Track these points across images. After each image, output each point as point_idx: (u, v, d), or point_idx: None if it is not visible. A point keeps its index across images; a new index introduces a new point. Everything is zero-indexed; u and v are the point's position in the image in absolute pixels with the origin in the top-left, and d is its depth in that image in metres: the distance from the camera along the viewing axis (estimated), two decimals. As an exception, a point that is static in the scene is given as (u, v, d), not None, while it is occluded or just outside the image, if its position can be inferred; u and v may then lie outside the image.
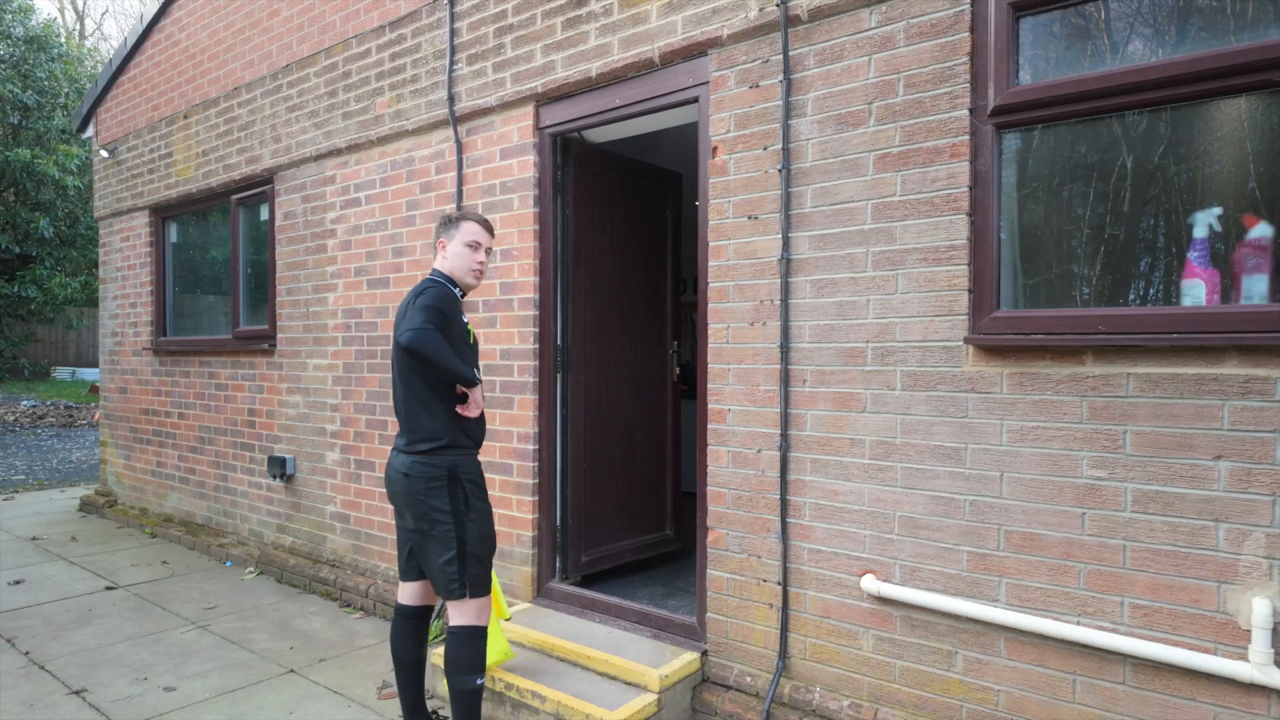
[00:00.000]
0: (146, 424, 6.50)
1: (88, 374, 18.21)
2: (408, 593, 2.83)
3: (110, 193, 6.89)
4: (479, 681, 2.60)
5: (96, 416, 12.92)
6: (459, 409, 2.67)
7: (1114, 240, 2.41)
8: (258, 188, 5.40)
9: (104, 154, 6.86)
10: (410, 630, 2.81)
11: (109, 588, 4.74)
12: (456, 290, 2.75)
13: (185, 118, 5.96)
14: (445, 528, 2.59)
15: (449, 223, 2.81)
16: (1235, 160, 2.24)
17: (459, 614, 2.64)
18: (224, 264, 5.96)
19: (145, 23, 6.31)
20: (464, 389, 2.67)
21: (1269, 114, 2.17)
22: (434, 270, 2.79)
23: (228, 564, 5.27)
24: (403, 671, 2.80)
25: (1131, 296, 2.39)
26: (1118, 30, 2.41)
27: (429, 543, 2.62)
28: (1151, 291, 2.37)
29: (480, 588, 2.65)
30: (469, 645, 2.61)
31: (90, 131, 7.16)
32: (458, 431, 2.66)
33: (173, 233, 6.45)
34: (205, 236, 6.25)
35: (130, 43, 6.48)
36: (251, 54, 5.37)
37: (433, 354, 2.49)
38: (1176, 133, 2.32)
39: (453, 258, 2.77)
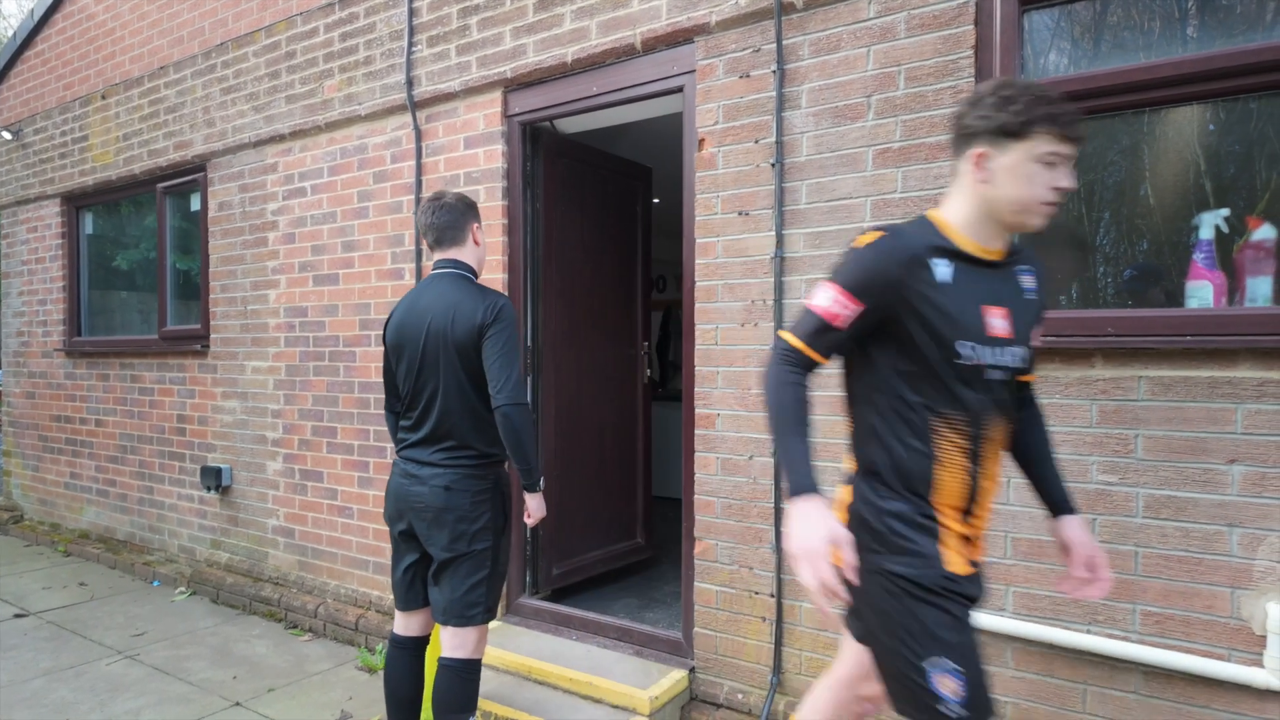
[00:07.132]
0: (58, 432, 5.95)
1: (-17, 376, 16.82)
2: (409, 623, 2.54)
3: (14, 179, 6.28)
4: (471, 719, 2.38)
5: (-5, 422, 11.89)
6: (526, 519, 2.49)
7: (1121, 240, 2.37)
8: (188, 175, 4.98)
9: (6, 136, 6.24)
10: (411, 663, 2.52)
11: (19, 615, 4.28)
12: None
13: (103, 98, 5.46)
14: (484, 546, 2.36)
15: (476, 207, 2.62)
16: (1241, 161, 2.22)
17: (460, 644, 2.37)
18: (148, 258, 5.49)
19: (56, -8, 5.76)
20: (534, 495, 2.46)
21: None
22: (459, 263, 2.50)
23: (155, 584, 4.84)
24: (398, 709, 2.49)
25: (1140, 298, 2.35)
26: (1127, 25, 2.37)
27: (460, 564, 2.35)
28: (1159, 293, 2.33)
29: (494, 611, 2.44)
30: (466, 681, 2.37)
31: (-10, 111, 6.52)
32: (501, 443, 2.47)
33: (88, 223, 5.91)
34: (126, 228, 5.74)
35: (38, 14, 5.91)
36: (180, 30, 4.94)
37: (527, 434, 2.30)
38: (1181, 132, 2.29)
39: (483, 247, 2.65)
